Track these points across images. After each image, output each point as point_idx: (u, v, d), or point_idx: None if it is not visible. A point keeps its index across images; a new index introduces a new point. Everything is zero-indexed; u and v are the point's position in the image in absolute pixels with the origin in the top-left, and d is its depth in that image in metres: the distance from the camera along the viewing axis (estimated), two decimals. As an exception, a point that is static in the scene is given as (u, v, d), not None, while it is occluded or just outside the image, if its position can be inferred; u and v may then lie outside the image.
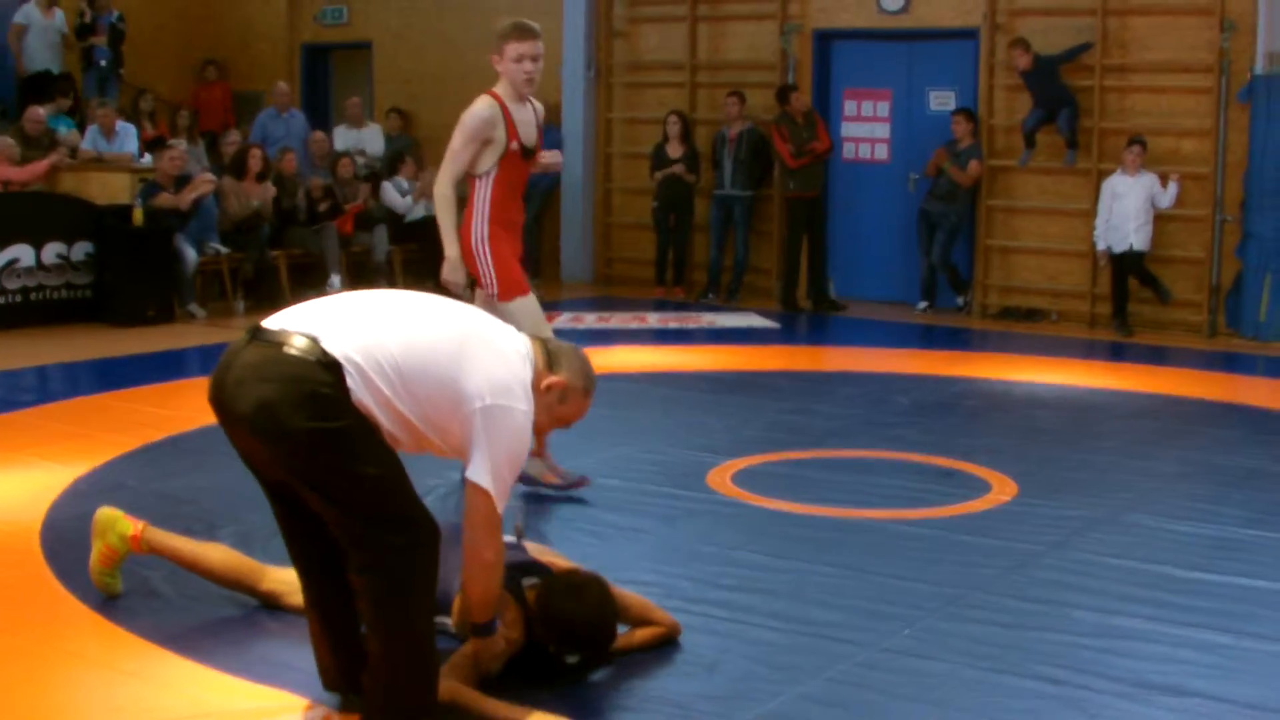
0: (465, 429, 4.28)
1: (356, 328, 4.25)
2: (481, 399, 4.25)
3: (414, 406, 4.24)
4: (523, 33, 7.41)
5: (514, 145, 7.52)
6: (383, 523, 4.22)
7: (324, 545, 4.43)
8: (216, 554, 5.67)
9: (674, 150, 15.64)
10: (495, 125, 7.52)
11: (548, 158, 7.81)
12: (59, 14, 16.68)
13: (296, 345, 4.17)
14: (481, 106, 7.58)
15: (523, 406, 4.34)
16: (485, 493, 4.31)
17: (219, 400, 4.27)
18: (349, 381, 4.15)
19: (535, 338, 4.64)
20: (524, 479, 7.30)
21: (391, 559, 4.23)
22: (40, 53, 16.61)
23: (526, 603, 4.91)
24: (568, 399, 4.59)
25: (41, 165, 14.19)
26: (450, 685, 4.54)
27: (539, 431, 4.53)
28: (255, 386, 4.14)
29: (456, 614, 4.95)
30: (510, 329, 4.58)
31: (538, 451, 7.29)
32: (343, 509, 4.21)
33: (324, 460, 4.14)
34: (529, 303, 7.60)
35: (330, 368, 4.14)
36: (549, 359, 4.56)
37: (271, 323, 4.31)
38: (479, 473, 4.29)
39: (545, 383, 4.51)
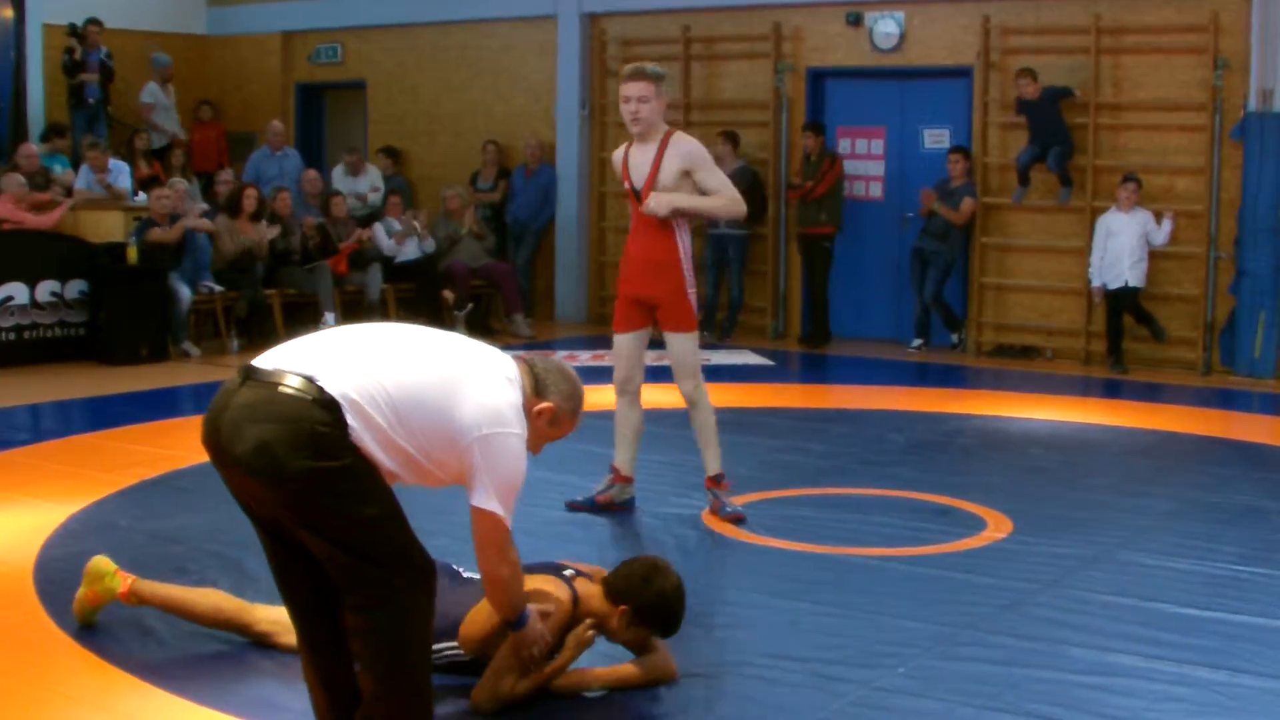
0: (464, 460, 4.29)
1: (350, 364, 4.23)
2: (478, 429, 4.26)
3: (411, 439, 4.23)
4: (626, 75, 7.61)
5: (627, 185, 7.74)
6: (380, 562, 4.19)
7: (317, 585, 4.39)
8: (206, 600, 5.67)
9: (668, 189, 15.63)
10: (618, 166, 7.84)
11: (650, 203, 7.64)
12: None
13: (292, 385, 4.14)
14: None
15: (517, 430, 4.36)
16: (492, 516, 4.35)
17: (214, 442, 4.23)
18: (348, 419, 4.13)
19: (521, 359, 4.65)
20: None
21: (389, 598, 4.21)
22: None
23: (576, 593, 5.08)
24: (558, 422, 4.62)
25: (56, 213, 14.15)
26: (507, 683, 4.89)
27: (533, 452, 4.55)
28: (252, 428, 4.10)
29: (472, 638, 5.03)
30: (498, 354, 4.57)
31: None
32: (341, 549, 4.17)
33: (323, 500, 4.11)
34: (619, 342, 8.08)
35: (327, 406, 4.11)
36: (536, 383, 4.57)
37: (264, 362, 4.27)
38: (483, 498, 4.32)
39: (535, 409, 4.52)
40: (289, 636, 5.33)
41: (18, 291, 13.08)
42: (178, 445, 9.32)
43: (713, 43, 16.39)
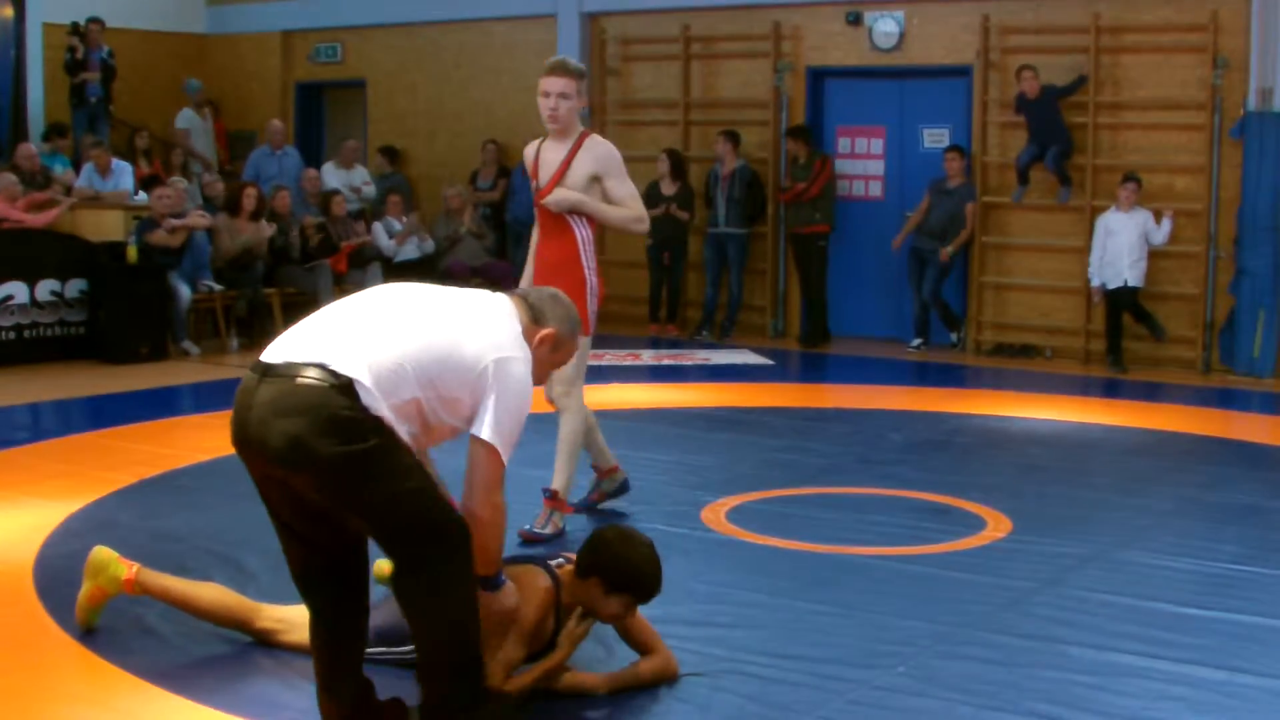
0: (475, 394, 4.44)
1: (356, 340, 4.38)
2: (485, 357, 4.43)
3: (426, 390, 4.39)
4: (548, 69, 7.41)
5: (534, 183, 7.58)
6: (418, 533, 4.36)
7: (335, 580, 4.55)
8: (210, 594, 5.66)
9: (667, 188, 15.65)
10: (529, 163, 7.64)
11: (553, 195, 7.45)
12: None
13: (309, 375, 4.27)
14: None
15: (520, 355, 4.53)
16: (490, 448, 4.46)
17: (244, 440, 4.35)
18: (363, 397, 4.26)
19: (514, 294, 4.79)
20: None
21: (429, 566, 4.38)
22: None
23: (557, 578, 5.09)
24: (559, 345, 4.77)
25: (53, 211, 14.17)
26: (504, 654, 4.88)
27: (537, 381, 4.68)
28: (279, 422, 4.23)
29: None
30: (490, 294, 4.76)
31: None
32: (380, 524, 4.37)
33: (358, 482, 4.26)
34: None
35: (344, 390, 4.25)
36: (533, 313, 4.73)
37: (275, 356, 4.40)
38: (484, 427, 4.45)
39: (538, 337, 4.68)
40: (292, 635, 5.36)
41: (18, 290, 13.08)
42: (177, 444, 9.33)
43: (712, 42, 16.39)
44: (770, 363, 14.12)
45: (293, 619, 5.47)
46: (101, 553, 5.71)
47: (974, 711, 4.98)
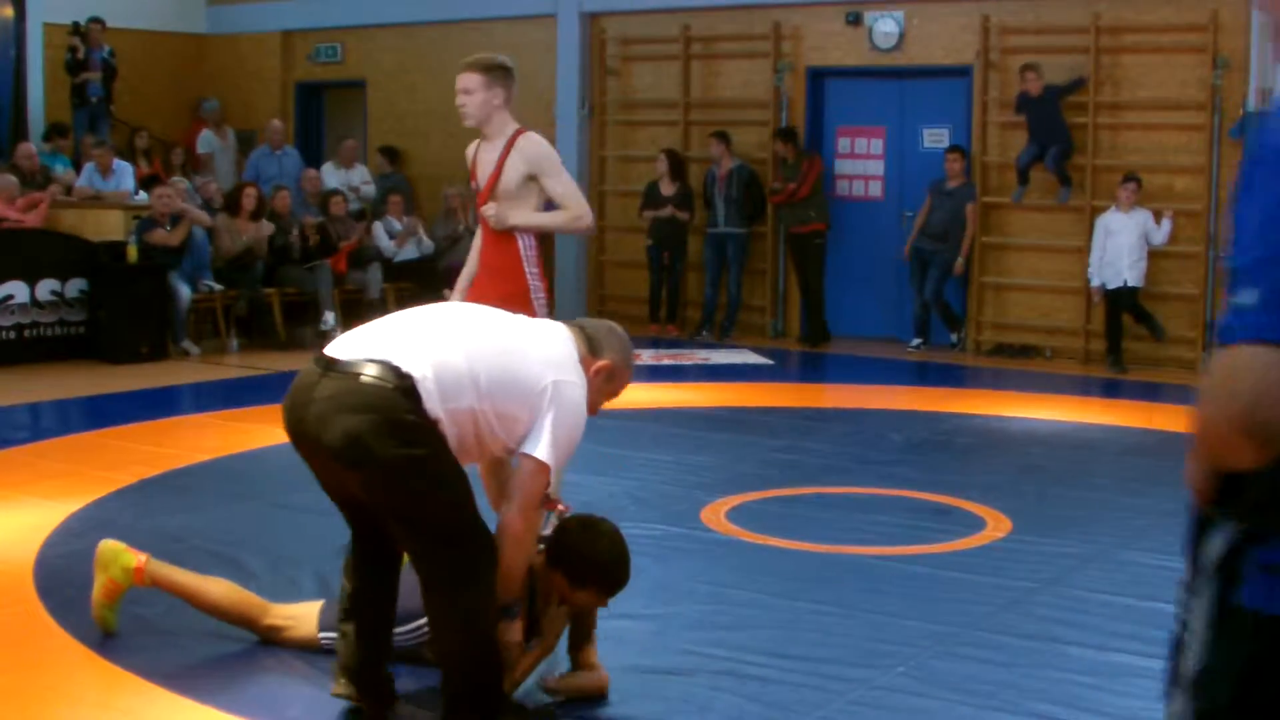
0: (532, 412, 4.48)
1: (421, 345, 4.45)
2: (547, 377, 4.49)
3: (484, 402, 4.45)
4: (461, 65, 7.23)
5: (473, 185, 7.37)
6: (454, 542, 4.45)
7: (389, 549, 4.68)
8: (219, 588, 5.66)
9: (666, 188, 15.66)
10: (469, 164, 7.43)
11: (488, 211, 7.14)
12: None
13: (371, 374, 4.34)
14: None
15: (578, 381, 4.60)
16: (541, 465, 4.51)
17: (300, 432, 4.46)
18: (425, 401, 4.33)
19: (572, 324, 4.84)
20: None
21: (460, 574, 4.46)
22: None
23: (532, 567, 4.98)
24: (615, 377, 4.83)
25: (33, 199, 14.20)
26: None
27: (591, 412, 4.74)
28: (340, 419, 4.31)
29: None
30: (547, 320, 4.89)
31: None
32: (418, 531, 4.45)
33: (410, 485, 4.36)
34: None
35: (407, 393, 4.33)
36: (590, 344, 4.77)
37: (340, 351, 4.47)
38: (537, 445, 4.50)
39: (595, 367, 4.73)
40: (298, 631, 5.39)
41: (18, 290, 13.08)
42: (177, 444, 9.33)
43: (712, 42, 16.40)
44: (770, 363, 14.13)
45: (300, 615, 5.48)
46: (110, 544, 5.70)
47: (974, 711, 4.99)
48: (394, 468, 4.30)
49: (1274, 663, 2.09)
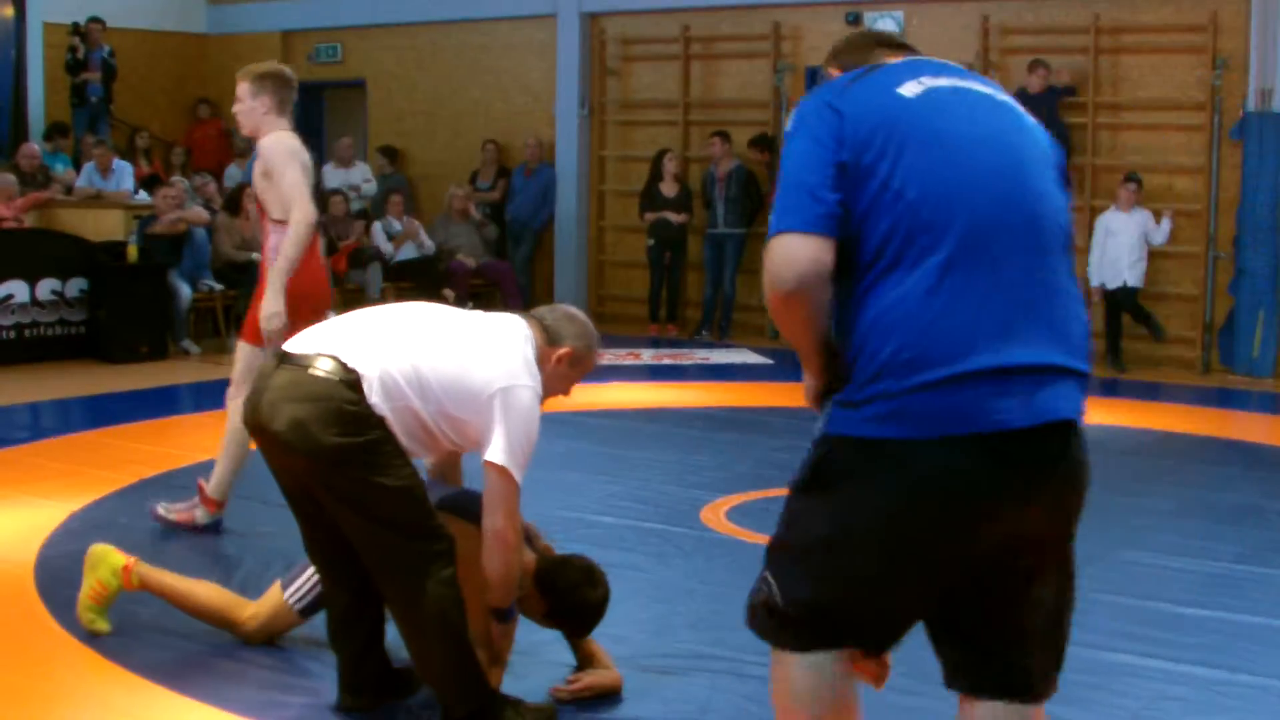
0: (482, 418, 4.53)
1: (374, 343, 4.57)
2: (494, 384, 4.52)
3: (431, 406, 4.53)
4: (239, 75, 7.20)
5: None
6: (399, 530, 4.51)
7: (349, 560, 4.70)
8: (205, 592, 5.66)
9: (668, 189, 15.67)
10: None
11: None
12: None
13: (321, 367, 4.49)
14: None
15: (530, 384, 4.61)
16: (504, 471, 4.53)
17: (255, 421, 4.57)
18: (371, 396, 4.44)
19: (529, 315, 4.91)
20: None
21: (407, 564, 4.53)
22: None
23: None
24: (578, 362, 4.89)
25: (31, 198, 14.20)
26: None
27: (558, 396, 4.87)
28: (287, 407, 4.45)
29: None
30: (507, 316, 4.87)
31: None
32: (364, 517, 4.51)
33: (350, 472, 4.45)
34: (251, 352, 7.19)
35: (353, 385, 4.46)
36: (549, 334, 4.83)
37: (296, 346, 4.62)
38: (497, 453, 4.53)
39: (556, 355, 4.80)
40: (269, 614, 5.42)
41: (18, 290, 13.08)
42: (177, 443, 9.33)
43: (712, 42, 16.41)
44: (770, 362, 14.12)
45: (265, 599, 5.51)
46: (99, 547, 5.71)
47: (973, 711, 4.98)
48: (336, 453, 4.41)
49: (830, 460, 3.29)
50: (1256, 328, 13.36)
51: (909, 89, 3.28)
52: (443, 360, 4.55)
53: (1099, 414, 11.40)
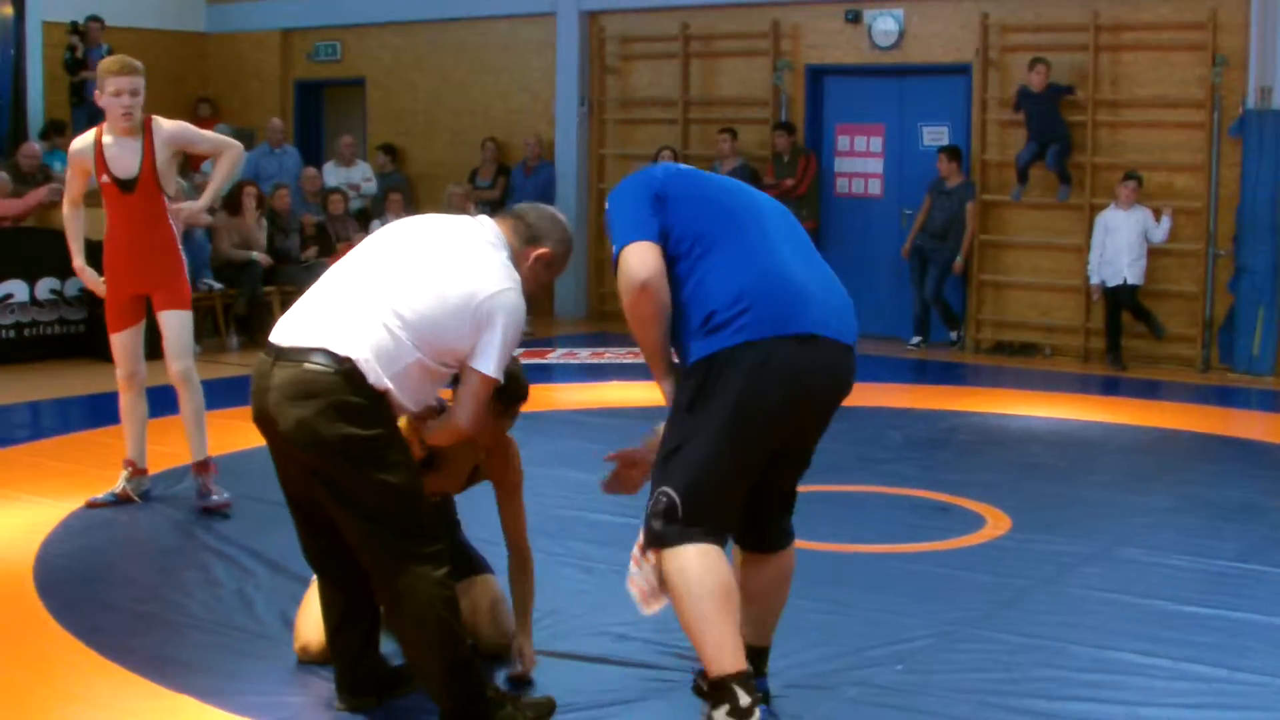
0: (474, 331, 4.59)
1: (352, 317, 4.55)
2: (478, 296, 4.56)
3: (424, 349, 4.57)
4: (120, 69, 7.96)
5: (104, 179, 7.98)
6: (393, 527, 4.54)
7: (345, 561, 4.77)
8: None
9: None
10: (86, 158, 8.03)
11: (186, 209, 8.14)
12: None
13: (315, 361, 4.49)
14: (77, 139, 8.10)
15: (511, 285, 4.65)
16: (488, 379, 4.63)
17: (263, 418, 4.63)
18: (368, 376, 4.47)
19: (507, 214, 4.93)
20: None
21: (398, 561, 4.55)
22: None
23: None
24: (554, 264, 4.92)
25: (33, 198, 14.19)
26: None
27: (534, 295, 4.89)
28: (292, 408, 4.48)
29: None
30: (477, 222, 4.87)
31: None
32: (359, 512, 4.54)
33: (351, 465, 4.49)
34: (121, 341, 8.23)
35: (350, 375, 4.46)
36: (531, 233, 4.85)
37: (284, 338, 4.63)
38: (483, 360, 4.61)
39: (534, 255, 4.83)
40: (312, 633, 5.35)
41: (18, 289, 13.09)
42: (176, 442, 9.31)
43: (711, 40, 16.40)
44: (769, 361, 14.08)
45: (302, 622, 5.48)
46: None
47: (973, 709, 4.99)
48: (340, 444, 4.45)
49: (705, 375, 4.43)
50: (1256, 325, 13.36)
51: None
52: (423, 302, 4.54)
53: (1099, 412, 11.45)
